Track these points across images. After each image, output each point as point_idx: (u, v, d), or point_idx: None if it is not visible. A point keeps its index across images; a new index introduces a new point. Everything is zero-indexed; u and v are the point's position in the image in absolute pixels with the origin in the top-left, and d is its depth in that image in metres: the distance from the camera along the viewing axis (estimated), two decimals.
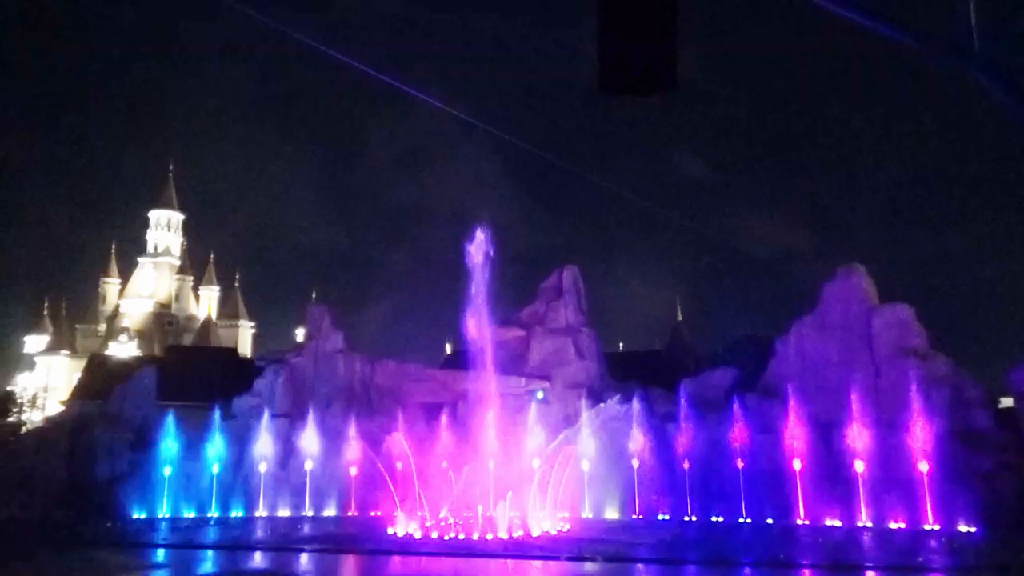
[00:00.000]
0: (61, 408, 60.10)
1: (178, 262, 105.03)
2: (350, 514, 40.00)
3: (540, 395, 42.27)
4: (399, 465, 38.16)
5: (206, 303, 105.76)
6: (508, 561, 23.30)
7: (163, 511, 39.31)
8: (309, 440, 41.80)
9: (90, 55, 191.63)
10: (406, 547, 25.88)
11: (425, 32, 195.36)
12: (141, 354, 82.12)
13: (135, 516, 38.39)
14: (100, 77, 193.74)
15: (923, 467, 32.02)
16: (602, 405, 38.16)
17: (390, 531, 29.51)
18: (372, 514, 38.37)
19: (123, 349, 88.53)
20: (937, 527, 31.05)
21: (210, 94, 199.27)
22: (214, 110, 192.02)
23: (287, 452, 42.03)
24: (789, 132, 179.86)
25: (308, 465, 41.37)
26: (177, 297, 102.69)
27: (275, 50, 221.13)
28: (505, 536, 27.25)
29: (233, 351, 71.28)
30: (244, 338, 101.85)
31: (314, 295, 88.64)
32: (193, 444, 41.06)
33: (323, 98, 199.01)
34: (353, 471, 40.55)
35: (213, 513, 39.96)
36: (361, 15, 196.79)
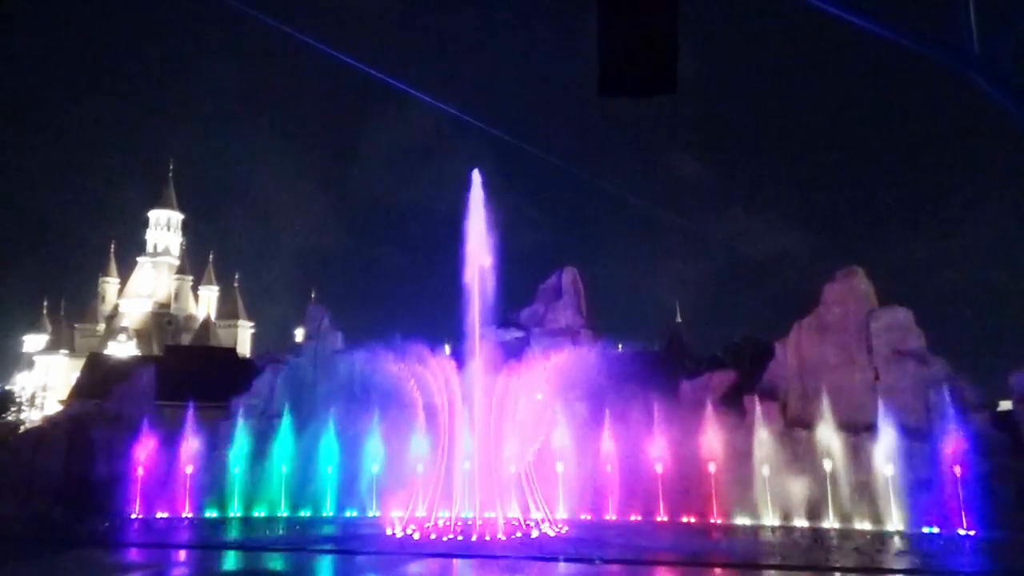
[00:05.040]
0: (60, 407, 60.00)
1: (177, 262, 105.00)
2: (348, 514, 39.96)
3: (539, 396, 42.18)
4: (398, 466, 38.20)
5: (205, 303, 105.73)
6: (506, 562, 23.26)
7: (161, 511, 39.26)
8: (308, 440, 41.81)
9: (89, 54, 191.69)
10: (405, 548, 25.85)
11: (423, 32, 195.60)
12: (140, 354, 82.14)
13: (133, 516, 38.34)
14: (99, 76, 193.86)
15: (921, 470, 32.03)
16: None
17: (389, 532, 29.47)
18: (370, 515, 38.35)
19: (122, 349, 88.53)
20: (936, 530, 31.07)
21: (209, 93, 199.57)
22: (213, 109, 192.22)
23: (285, 452, 41.97)
24: (789, 134, 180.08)
25: (306, 465, 41.32)
26: (176, 297, 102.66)
27: (275, 49, 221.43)
28: (503, 538, 27.21)
29: (232, 351, 71.27)
30: (243, 338, 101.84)
31: (313, 295, 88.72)
32: (191, 444, 40.99)
33: (322, 97, 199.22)
34: (351, 471, 40.52)
35: (210, 513, 39.91)
36: (359, 14, 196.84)
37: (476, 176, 33.58)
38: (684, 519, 36.87)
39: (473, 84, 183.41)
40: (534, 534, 28.48)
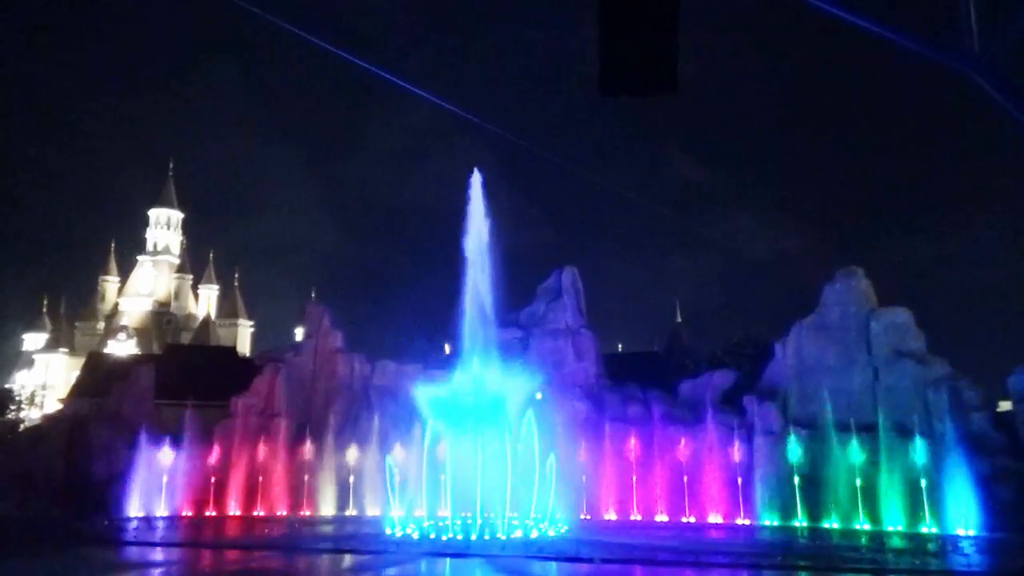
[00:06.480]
0: (59, 406, 60.15)
1: (177, 260, 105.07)
2: (348, 514, 39.98)
3: (539, 396, 42.21)
4: (397, 465, 38.19)
5: (205, 302, 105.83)
6: (505, 562, 23.24)
7: (161, 510, 39.27)
8: (307, 440, 41.87)
9: (89, 54, 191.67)
10: (404, 547, 25.86)
11: (423, 30, 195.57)
12: (140, 352, 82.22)
13: (133, 515, 38.36)
14: (100, 75, 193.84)
15: (921, 470, 32.07)
16: None
17: (388, 531, 29.49)
18: (370, 514, 38.36)
19: (122, 347, 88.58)
20: (935, 530, 31.10)
21: (209, 93, 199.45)
22: (213, 109, 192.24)
23: (285, 452, 42.04)
24: (789, 134, 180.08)
25: (306, 465, 41.40)
26: (176, 296, 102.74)
27: (275, 49, 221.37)
28: (503, 537, 27.21)
29: (232, 350, 71.32)
30: (243, 337, 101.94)
31: (313, 294, 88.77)
32: (191, 443, 41.01)
33: (322, 96, 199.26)
34: (351, 471, 40.58)
35: (211, 512, 39.93)
36: (359, 13, 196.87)
37: (476, 176, 33.65)
38: (684, 519, 36.89)
39: (473, 83, 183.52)
40: (533, 533, 28.47)
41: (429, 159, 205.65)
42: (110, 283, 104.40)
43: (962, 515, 30.95)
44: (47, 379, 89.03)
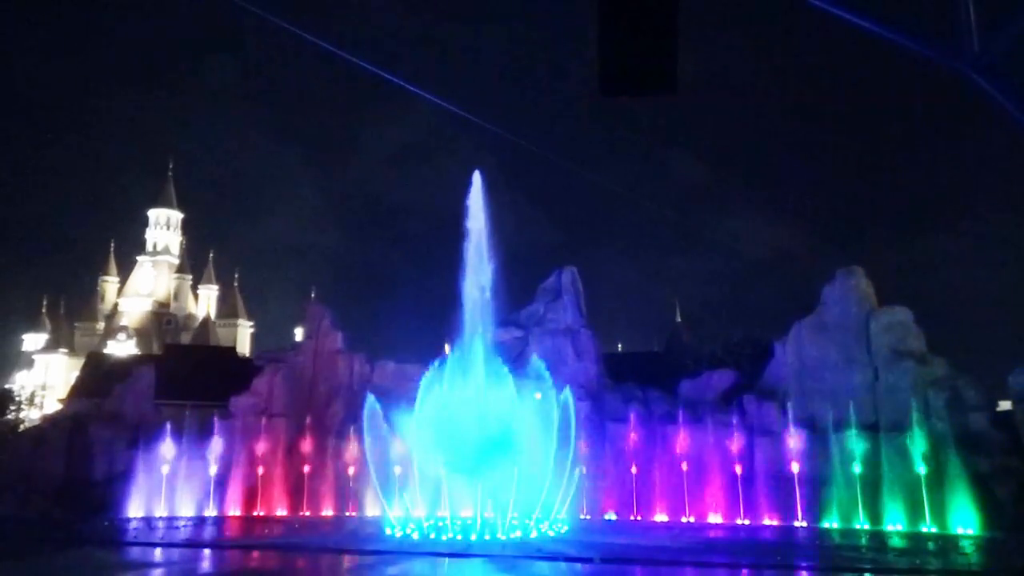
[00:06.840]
0: (59, 406, 60.06)
1: (177, 261, 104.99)
2: (348, 514, 39.95)
3: (538, 396, 42.15)
4: (397, 466, 38.18)
5: (205, 302, 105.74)
6: (506, 562, 23.23)
7: (161, 510, 39.26)
8: (307, 440, 41.83)
9: (89, 54, 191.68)
10: (404, 547, 25.84)
11: (424, 30, 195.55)
12: (139, 353, 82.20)
13: (133, 515, 38.33)
14: (99, 75, 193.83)
15: (921, 470, 32.08)
16: None
17: (388, 531, 29.47)
18: (370, 514, 38.33)
19: (121, 348, 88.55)
20: (935, 529, 31.10)
21: (209, 93, 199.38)
22: (213, 109, 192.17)
23: (285, 452, 42.00)
24: (789, 134, 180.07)
25: (306, 465, 41.37)
26: (176, 296, 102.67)
27: (275, 48, 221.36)
28: (503, 537, 27.19)
29: (232, 350, 71.27)
30: (243, 337, 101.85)
31: (313, 294, 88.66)
32: (191, 443, 40.97)
33: (322, 96, 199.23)
34: (351, 471, 40.53)
35: (210, 512, 39.89)
36: (359, 13, 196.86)
37: (477, 177, 33.63)
38: (683, 519, 36.88)
39: (473, 83, 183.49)
40: (533, 533, 28.45)
41: (429, 159, 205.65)
42: (110, 283, 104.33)
43: (962, 515, 30.96)
44: (47, 379, 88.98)
